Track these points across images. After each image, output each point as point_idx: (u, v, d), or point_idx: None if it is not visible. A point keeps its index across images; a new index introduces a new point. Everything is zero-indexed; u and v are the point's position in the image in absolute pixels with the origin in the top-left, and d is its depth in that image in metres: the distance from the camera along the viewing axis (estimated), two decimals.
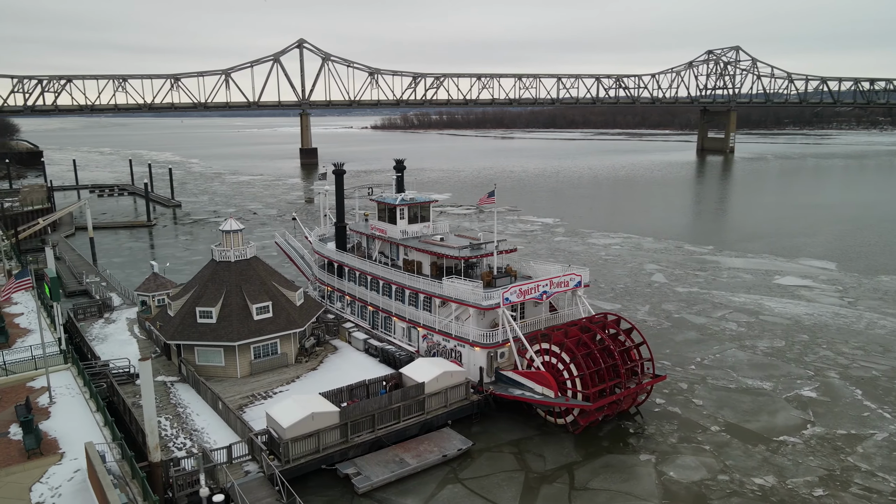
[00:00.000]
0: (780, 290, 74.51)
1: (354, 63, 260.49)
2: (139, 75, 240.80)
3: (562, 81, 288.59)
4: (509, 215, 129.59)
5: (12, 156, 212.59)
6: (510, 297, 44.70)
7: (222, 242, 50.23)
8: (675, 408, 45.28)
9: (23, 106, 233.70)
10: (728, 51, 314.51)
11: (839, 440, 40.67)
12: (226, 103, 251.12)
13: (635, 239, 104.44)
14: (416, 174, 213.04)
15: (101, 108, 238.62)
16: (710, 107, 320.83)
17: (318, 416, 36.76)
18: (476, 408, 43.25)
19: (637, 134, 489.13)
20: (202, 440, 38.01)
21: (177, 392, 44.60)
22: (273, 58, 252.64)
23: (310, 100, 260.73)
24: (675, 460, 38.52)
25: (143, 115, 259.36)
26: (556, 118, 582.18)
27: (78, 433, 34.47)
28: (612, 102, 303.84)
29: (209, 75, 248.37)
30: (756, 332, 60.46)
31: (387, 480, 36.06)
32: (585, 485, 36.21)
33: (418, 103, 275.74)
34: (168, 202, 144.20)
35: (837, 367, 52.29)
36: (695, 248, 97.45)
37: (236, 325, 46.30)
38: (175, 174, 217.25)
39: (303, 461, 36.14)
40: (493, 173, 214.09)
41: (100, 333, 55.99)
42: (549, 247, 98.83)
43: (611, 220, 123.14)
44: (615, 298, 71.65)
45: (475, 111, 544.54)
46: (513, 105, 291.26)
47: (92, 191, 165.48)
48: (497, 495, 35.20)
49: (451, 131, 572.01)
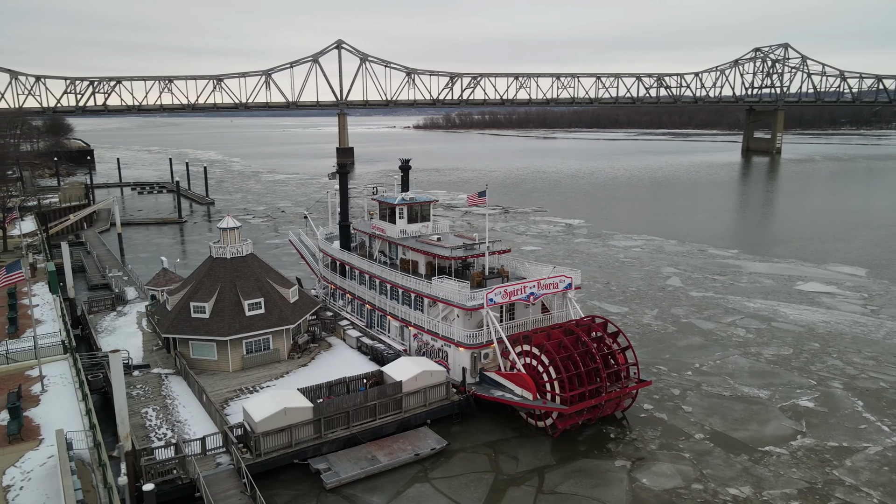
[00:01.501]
0: (799, 296, 72.06)
1: (392, 63, 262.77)
2: (184, 76, 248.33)
3: (601, 81, 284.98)
4: (534, 216, 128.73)
5: (65, 154, 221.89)
6: (494, 297, 44.56)
7: (220, 239, 51.50)
8: (662, 414, 44.38)
9: (74, 106, 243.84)
10: (776, 48, 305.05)
11: (828, 452, 39.20)
12: (266, 103, 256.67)
13: (658, 242, 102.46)
14: (448, 174, 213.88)
15: (147, 108, 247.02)
16: (756, 106, 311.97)
17: (291, 411, 37.42)
18: (457, 408, 43.28)
19: (682, 134, 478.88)
20: (183, 432, 39.14)
21: (169, 384, 45.99)
22: (312, 58, 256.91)
23: (347, 100, 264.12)
24: (651, 467, 37.80)
25: (195, 114, 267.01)
26: (599, 118, 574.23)
27: (62, 421, 35.94)
28: (652, 102, 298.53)
29: (251, 76, 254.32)
30: (764, 339, 58.67)
31: (356, 477, 36.46)
32: (554, 488, 35.88)
33: (454, 103, 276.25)
34: (202, 199, 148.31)
35: (844, 376, 50.34)
36: (718, 252, 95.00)
37: (228, 320, 47.45)
38: (215, 172, 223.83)
39: (275, 455, 36.86)
40: (527, 174, 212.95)
41: (109, 326, 58.10)
42: (567, 248, 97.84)
43: (637, 222, 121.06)
44: (624, 301, 70.51)
45: (517, 111, 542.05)
46: (550, 105, 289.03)
47: (133, 188, 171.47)
48: (462, 496, 35.21)
49: (492, 131, 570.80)
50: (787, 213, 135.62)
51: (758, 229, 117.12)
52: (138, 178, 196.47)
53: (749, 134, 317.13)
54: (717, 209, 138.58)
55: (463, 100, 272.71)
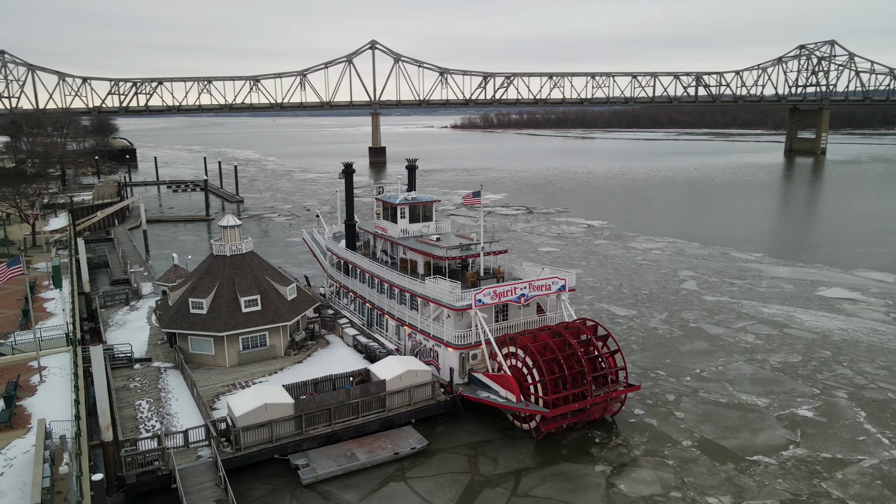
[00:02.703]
0: (819, 302, 69.76)
1: (425, 63, 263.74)
2: (222, 77, 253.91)
3: (637, 80, 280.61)
4: (557, 216, 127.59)
5: (108, 153, 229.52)
6: (483, 298, 44.43)
7: (221, 237, 52.59)
8: (652, 419, 43.59)
9: (118, 107, 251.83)
10: (822, 45, 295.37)
11: (819, 464, 37.93)
12: (300, 103, 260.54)
13: (680, 244, 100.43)
14: (477, 174, 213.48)
15: (186, 108, 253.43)
16: (800, 105, 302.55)
17: (272, 406, 38.03)
18: (443, 408, 43.31)
19: (724, 134, 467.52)
20: (170, 424, 40.16)
21: (166, 378, 47.23)
22: (346, 59, 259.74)
23: (380, 100, 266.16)
24: (632, 473, 37.18)
25: (237, 115, 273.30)
26: (639, 117, 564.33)
27: (53, 411, 37.29)
28: (690, 102, 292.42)
29: (286, 76, 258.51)
30: (773, 346, 57.02)
31: (332, 474, 36.85)
32: (528, 491, 35.63)
33: (487, 103, 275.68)
34: (232, 198, 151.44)
35: (851, 386, 48.58)
36: (741, 256, 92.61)
37: (224, 316, 48.46)
38: (249, 171, 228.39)
39: (255, 450, 37.54)
40: (557, 174, 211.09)
41: (121, 320, 59.92)
42: (584, 250, 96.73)
43: (661, 224, 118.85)
44: (634, 304, 69.37)
45: (555, 111, 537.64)
46: (584, 105, 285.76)
47: (169, 186, 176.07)
48: (436, 496, 35.25)
49: (529, 131, 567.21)
50: (823, 217, 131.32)
51: (787, 233, 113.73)
52: (175, 176, 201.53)
53: (792, 134, 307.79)
54: (749, 212, 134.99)
55: (496, 100, 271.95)
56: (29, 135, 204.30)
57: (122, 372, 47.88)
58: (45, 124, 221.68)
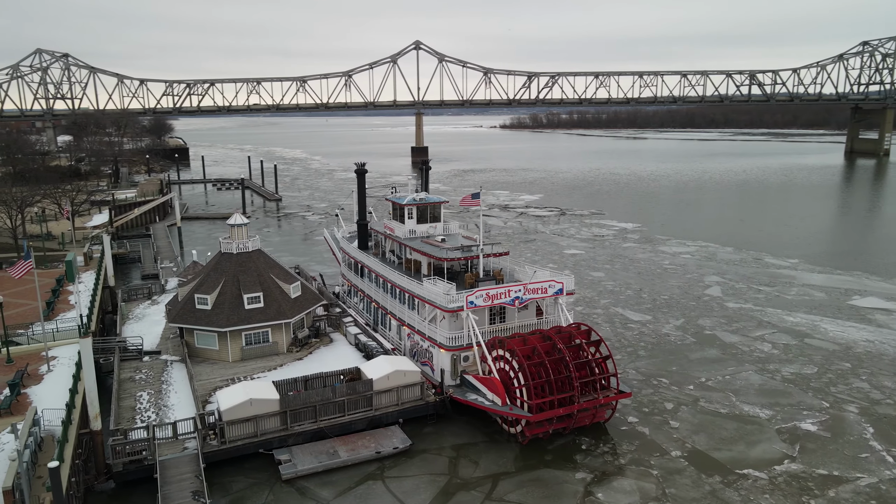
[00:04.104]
0: (849, 312, 66.69)
1: (469, 63, 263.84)
2: (269, 78, 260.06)
3: (687, 78, 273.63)
4: (590, 219, 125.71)
5: (160, 151, 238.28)
6: (475, 300, 44.32)
7: (229, 235, 54.00)
8: (644, 427, 42.61)
9: (172, 108, 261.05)
10: (886, 41, 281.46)
11: (813, 480, 36.36)
12: (345, 104, 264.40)
13: (713, 249, 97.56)
14: (517, 174, 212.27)
15: (236, 108, 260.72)
16: (862, 104, 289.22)
17: (257, 402, 38.91)
18: (432, 409, 43.41)
19: (783, 134, 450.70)
20: (165, 416, 41.52)
21: (171, 370, 48.82)
22: (391, 59, 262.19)
23: (423, 99, 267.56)
24: (612, 482, 36.48)
25: (294, 114, 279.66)
26: (693, 117, 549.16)
27: (53, 399, 39.10)
28: (742, 101, 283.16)
29: (332, 77, 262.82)
30: (790, 356, 54.88)
31: (313, 470, 37.43)
32: (503, 496, 35.38)
33: (531, 103, 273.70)
34: (271, 196, 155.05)
35: (864, 400, 46.34)
36: (775, 261, 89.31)
37: (227, 312, 49.75)
38: (293, 170, 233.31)
39: (240, 443, 38.49)
40: (598, 176, 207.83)
41: (141, 313, 62.22)
42: (610, 253, 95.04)
43: (697, 227, 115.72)
44: (651, 309, 67.80)
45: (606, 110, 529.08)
46: (630, 104, 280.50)
47: (214, 184, 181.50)
48: (410, 497, 35.38)
49: (579, 131, 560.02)
50: (877, 223, 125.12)
51: (832, 238, 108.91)
52: (221, 174, 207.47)
53: (853, 134, 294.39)
54: (795, 216, 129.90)
55: (539, 99, 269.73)
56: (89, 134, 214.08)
57: (132, 364, 49.71)
58: (105, 124, 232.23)
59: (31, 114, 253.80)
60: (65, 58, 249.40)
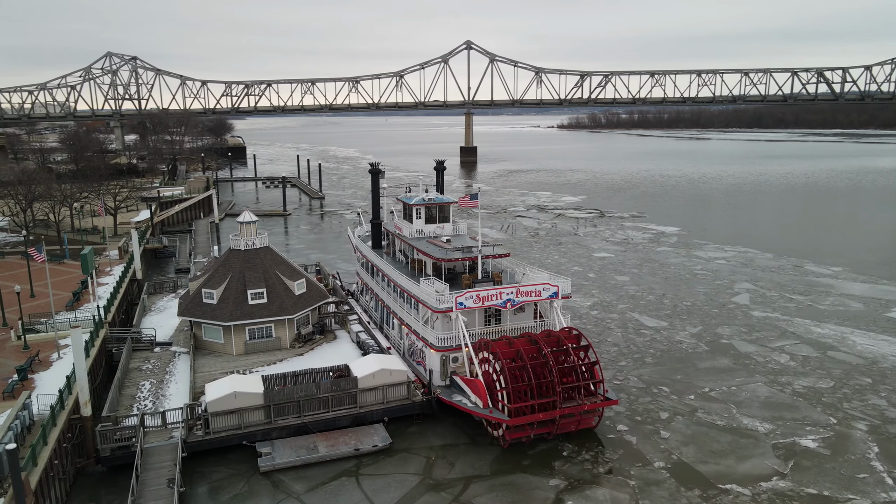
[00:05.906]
0: (884, 324, 63.01)
1: (520, 63, 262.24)
2: (323, 78, 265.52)
3: (748, 76, 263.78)
4: (629, 221, 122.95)
5: (218, 150, 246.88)
6: (465, 302, 44.19)
7: (239, 232, 55.61)
8: (633, 437, 41.52)
9: (230, 108, 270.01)
10: None
11: (799, 500, 34.65)
12: (396, 103, 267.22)
13: (750, 254, 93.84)
14: (563, 175, 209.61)
15: (290, 108, 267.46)
16: None
17: (241, 395, 39.99)
18: (417, 408, 43.56)
19: (857, 135, 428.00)
20: (161, 405, 43.17)
21: (177, 362, 50.66)
22: (442, 59, 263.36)
23: (473, 99, 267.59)
24: (585, 490, 35.75)
25: (355, 114, 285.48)
26: (761, 116, 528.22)
27: (54, 385, 41.24)
28: (808, 100, 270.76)
29: (384, 77, 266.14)
30: (807, 369, 52.33)
31: (290, 464, 38.21)
32: (471, 499, 35.22)
33: (582, 103, 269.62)
34: (315, 194, 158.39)
35: (877, 418, 43.75)
36: (816, 269, 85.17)
37: (231, 307, 51.27)
38: (343, 169, 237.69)
39: (223, 435, 39.66)
40: (645, 177, 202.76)
41: (162, 306, 64.76)
42: (641, 257, 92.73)
43: (737, 232, 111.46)
44: (670, 316, 65.87)
45: (668, 110, 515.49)
46: (686, 104, 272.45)
47: (263, 182, 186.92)
48: (378, 495, 35.64)
49: (639, 131, 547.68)
50: None
51: (883, 245, 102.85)
52: (273, 172, 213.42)
53: None
54: (849, 222, 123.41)
55: (591, 99, 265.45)
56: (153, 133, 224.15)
57: (142, 354, 51.87)
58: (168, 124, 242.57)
59: (102, 114, 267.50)
60: (133, 60, 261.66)
